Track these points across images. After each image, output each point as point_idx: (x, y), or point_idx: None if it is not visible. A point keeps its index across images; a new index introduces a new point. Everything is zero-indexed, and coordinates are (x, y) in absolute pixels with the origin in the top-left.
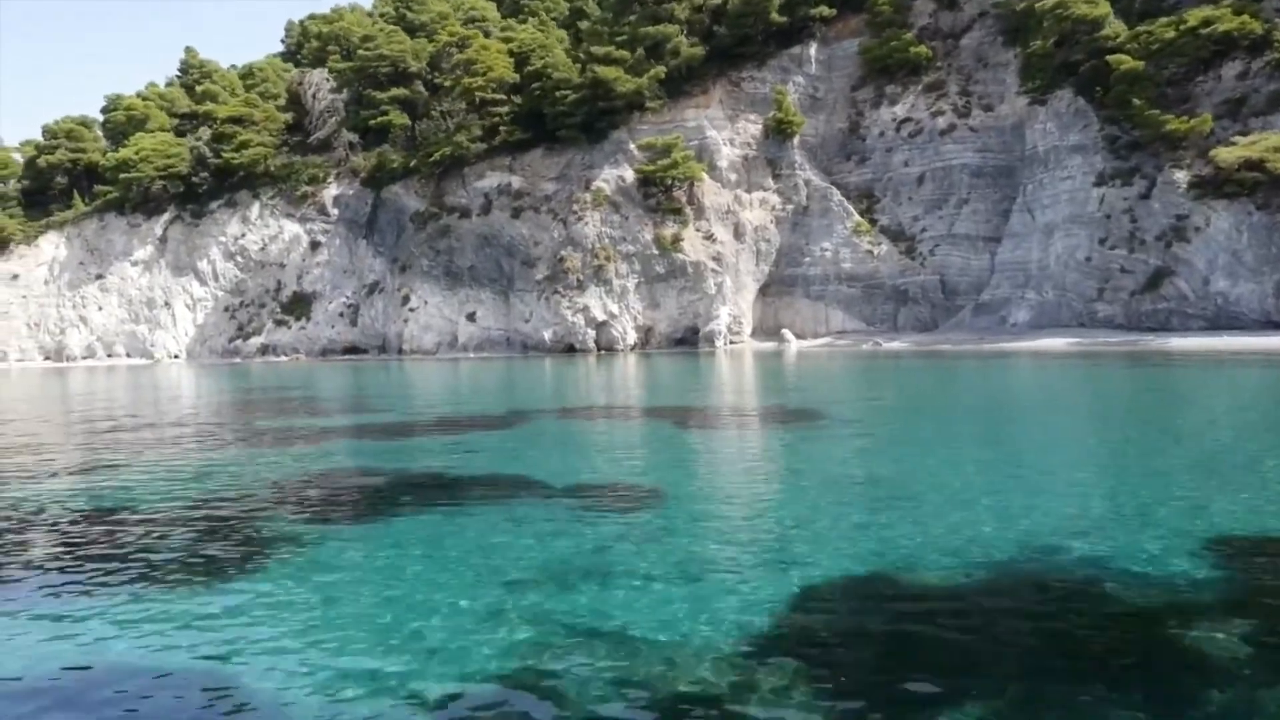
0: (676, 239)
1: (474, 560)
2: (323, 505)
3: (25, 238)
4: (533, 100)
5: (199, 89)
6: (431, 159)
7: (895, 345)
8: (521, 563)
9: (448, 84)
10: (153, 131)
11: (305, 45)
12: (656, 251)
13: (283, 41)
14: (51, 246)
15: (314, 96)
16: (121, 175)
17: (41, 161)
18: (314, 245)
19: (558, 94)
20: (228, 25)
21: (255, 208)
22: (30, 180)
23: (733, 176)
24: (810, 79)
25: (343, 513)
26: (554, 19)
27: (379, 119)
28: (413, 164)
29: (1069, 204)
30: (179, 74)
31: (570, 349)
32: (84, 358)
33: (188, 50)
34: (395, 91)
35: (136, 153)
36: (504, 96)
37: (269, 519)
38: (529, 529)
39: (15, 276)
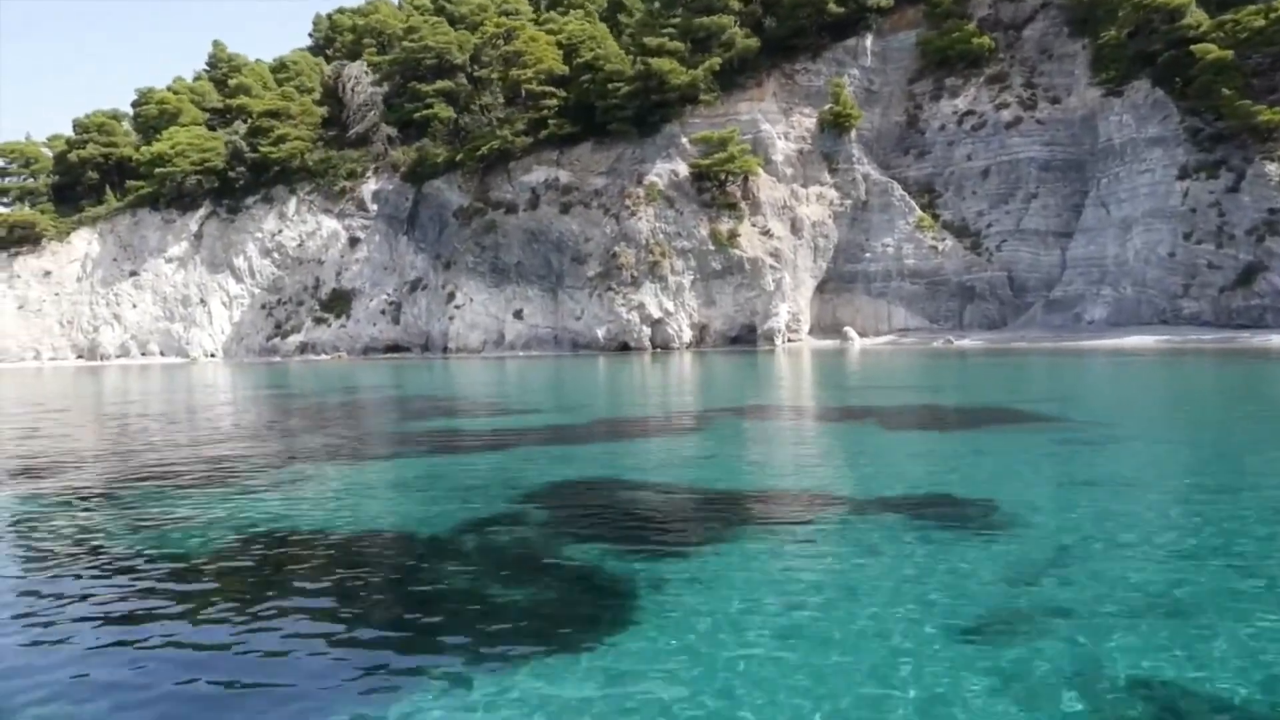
0: (733, 234)
1: (905, 595)
2: (635, 528)
3: (57, 234)
4: (582, 93)
5: (231, 83)
6: (478, 153)
7: (967, 343)
8: (959, 595)
9: (493, 76)
10: (186, 125)
11: (336, 39)
12: (712, 247)
13: (311, 35)
14: (84, 243)
15: (353, 90)
16: (157, 170)
17: (73, 156)
18: (353, 241)
19: (610, 86)
20: (252, 20)
21: (292, 203)
22: (60, 175)
23: (788, 171)
24: (865, 72)
25: (670, 536)
26: (596, 10)
27: (423, 112)
28: (459, 158)
29: (1149, 198)
30: (207, 68)
31: (624, 347)
32: (117, 356)
33: (215, 44)
34: (441, 84)
35: (172, 146)
36: (552, 89)
37: (580, 548)
38: (919, 552)
39: (47, 273)
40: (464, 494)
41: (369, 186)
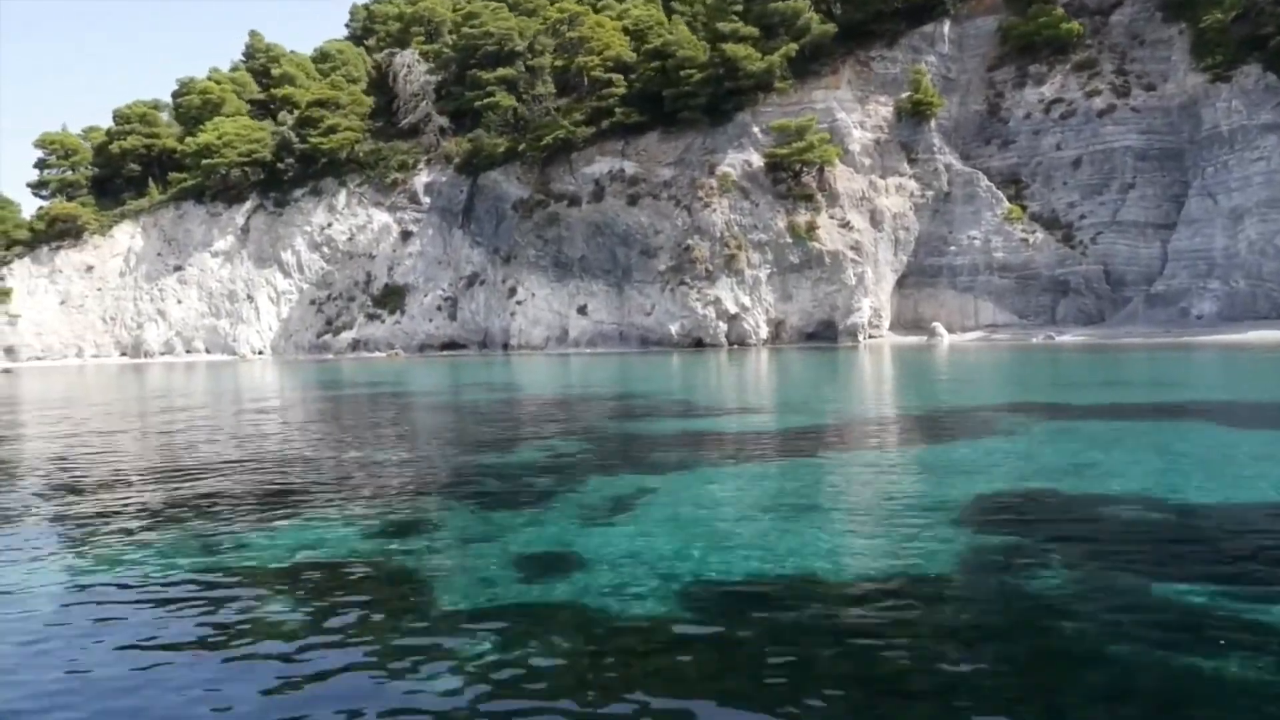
0: (811, 227)
1: None
2: (1193, 555)
3: (100, 227)
4: (648, 80)
5: (274, 72)
6: (542, 143)
7: (1069, 339)
8: None
9: (557, 64)
10: (231, 116)
11: (377, 28)
12: (790, 240)
13: (348, 26)
14: (126, 237)
15: (405, 78)
16: (204, 161)
17: (114, 147)
18: (405, 235)
19: (682, 74)
20: (283, 11)
21: (342, 196)
22: (101, 167)
23: (866, 161)
24: (943, 59)
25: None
26: None
27: (484, 100)
28: (521, 148)
29: (1264, 187)
30: (244, 59)
31: (698, 343)
32: (161, 354)
33: (253, 34)
34: (502, 71)
35: (219, 137)
36: (619, 76)
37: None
38: None
39: (89, 268)
40: (902, 514)
41: (421, 178)
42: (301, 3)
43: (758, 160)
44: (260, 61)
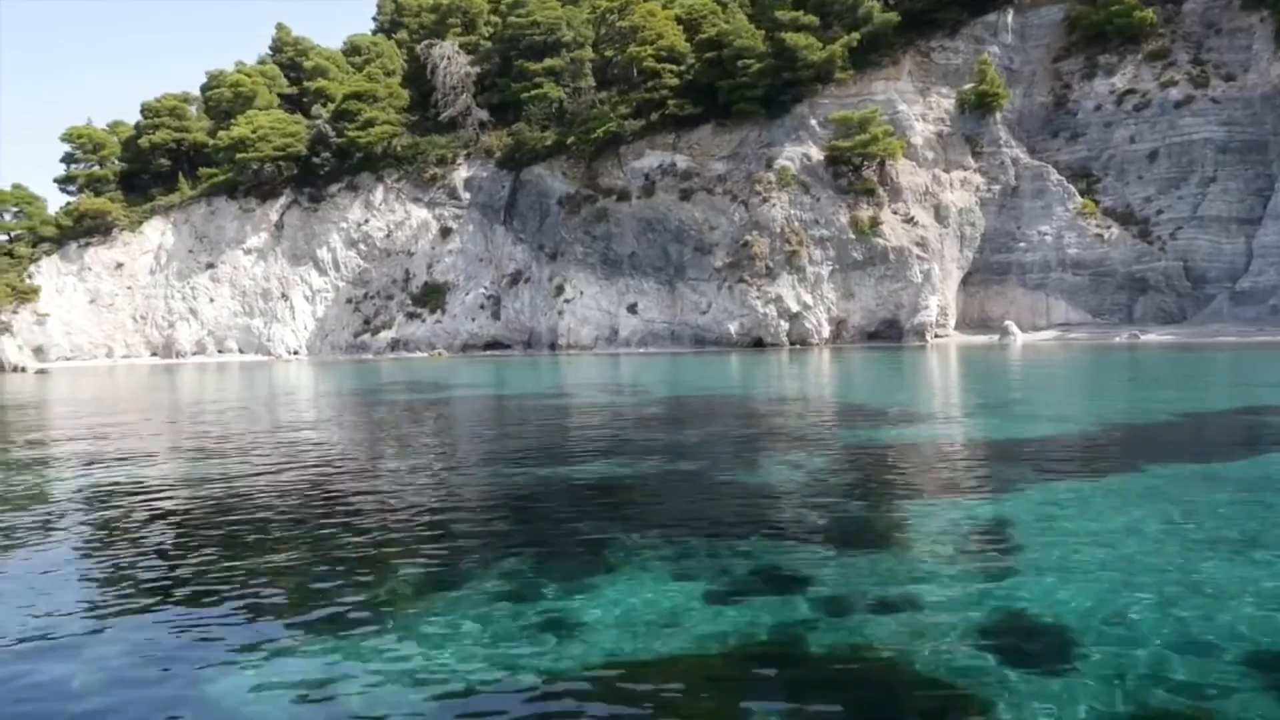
0: (875, 222)
1: None
2: None
3: (130, 224)
4: (701, 71)
5: (306, 65)
6: (593, 135)
7: (1154, 338)
8: None
9: (609, 54)
10: (265, 109)
11: (407, 20)
12: (853, 236)
13: (375, 19)
14: (157, 233)
15: (445, 70)
16: (238, 155)
17: (143, 141)
18: (444, 232)
19: (739, 64)
20: (306, 5)
21: (379, 191)
22: (129, 162)
23: (929, 155)
24: (1005, 49)
25: None
26: None
27: (532, 92)
28: (570, 141)
29: None
30: (271, 52)
31: (758, 343)
32: (193, 354)
33: (279, 27)
34: (550, 62)
35: (254, 130)
36: (672, 67)
37: None
38: None
39: (119, 265)
40: None
41: (460, 173)
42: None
43: (816, 154)
44: (288, 55)
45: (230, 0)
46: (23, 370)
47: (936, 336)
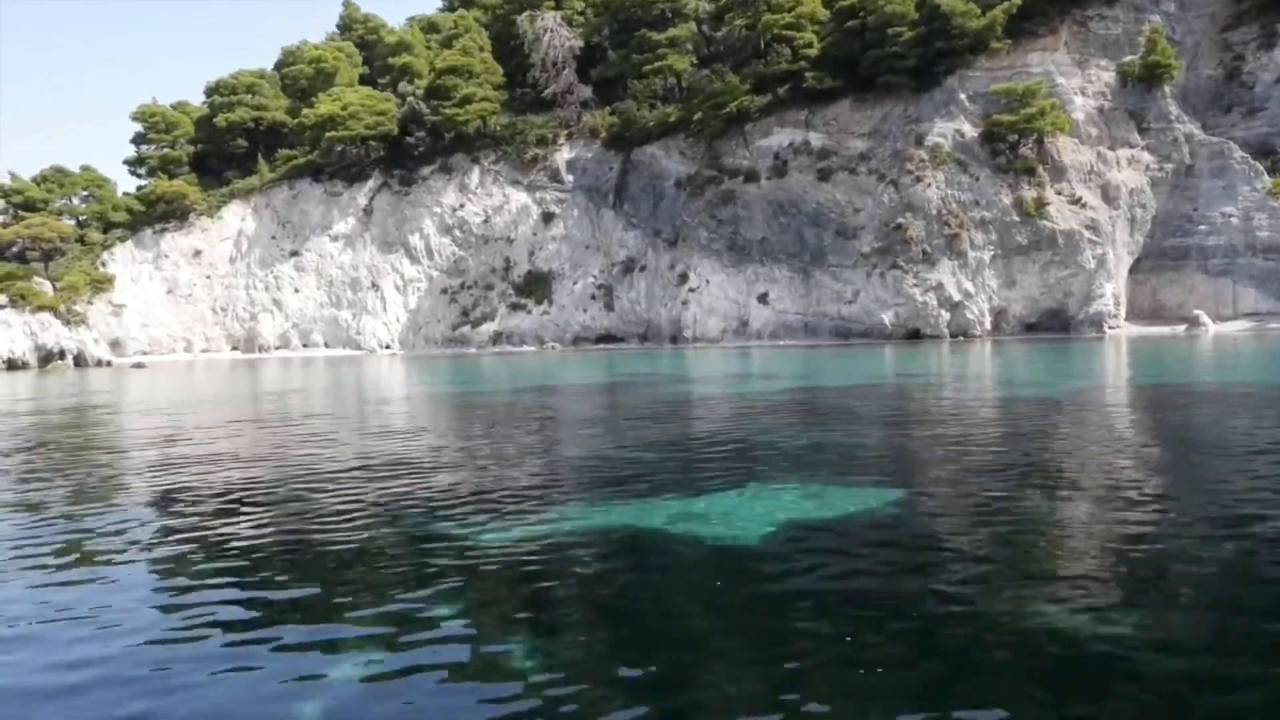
0: (1041, 203)
1: None
2: None
3: (208, 208)
4: (843, 41)
5: (383, 41)
6: (724, 111)
7: None
8: None
9: (739, 22)
10: (348, 86)
11: None
12: (1016, 218)
13: None
14: (236, 219)
15: (547, 44)
16: (328, 134)
17: (219, 120)
18: (547, 217)
19: (889, 32)
20: None
21: (475, 174)
22: (202, 142)
23: (1092, 131)
24: (1167, 19)
25: None
26: None
27: (655, 64)
28: (698, 116)
29: None
30: (338, 31)
31: (914, 335)
32: (276, 347)
33: (347, 4)
34: (674, 32)
35: (343, 108)
36: (808, 36)
37: None
38: None
39: (197, 253)
40: None
41: (563, 154)
42: None
43: (970, 130)
44: (358, 33)
45: None
46: (107, 365)
47: (1110, 328)
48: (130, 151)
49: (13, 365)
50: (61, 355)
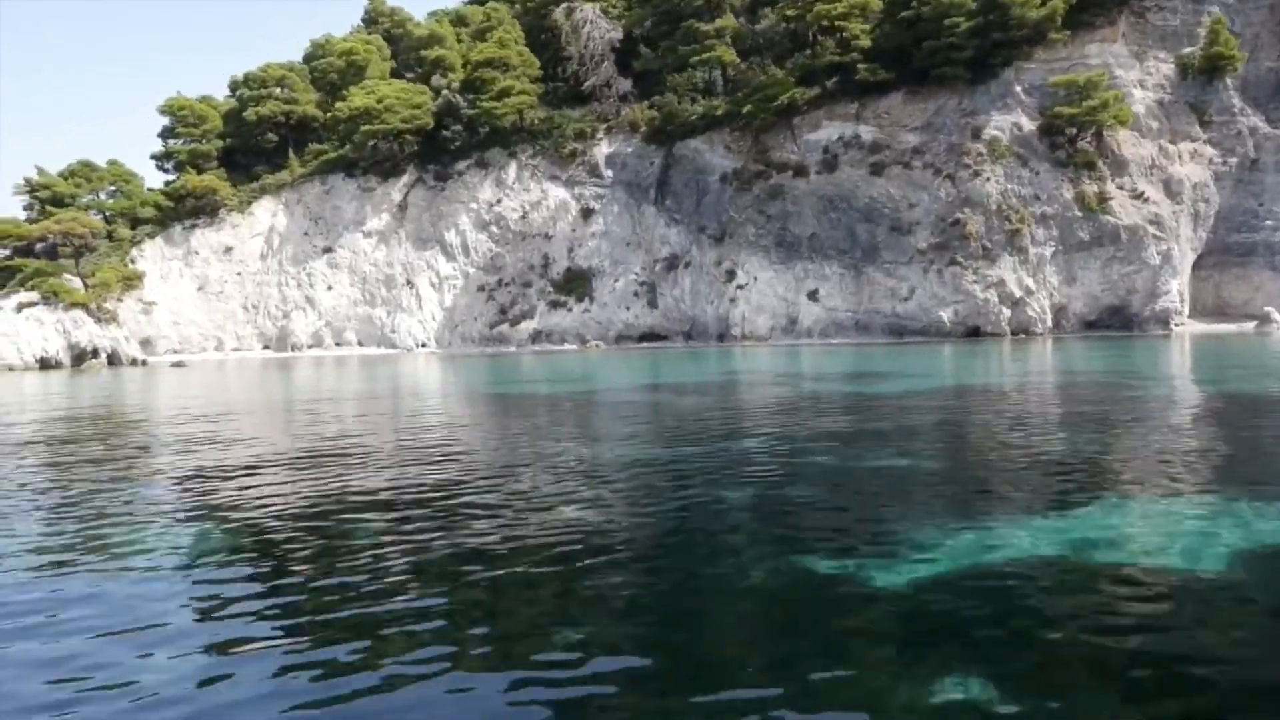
0: (1103, 198)
1: None
2: None
3: (238, 204)
4: (896, 33)
5: (412, 34)
6: (774, 104)
7: None
8: None
9: (789, 13)
10: (383, 78)
11: None
12: (1078, 214)
13: None
14: (267, 214)
15: (587, 35)
16: (363, 127)
17: (249, 114)
18: (586, 213)
19: (946, 22)
20: None
21: (512, 169)
22: (231, 136)
23: (1152, 124)
24: (1226, 10)
25: None
26: None
27: (703, 56)
28: (747, 109)
29: None
30: (363, 24)
31: (974, 333)
32: (309, 346)
33: None
34: (722, 22)
35: (378, 101)
36: (861, 28)
37: None
38: None
39: (228, 250)
40: None
41: (602, 149)
42: None
43: (1027, 123)
44: (384, 27)
45: None
46: (141, 363)
47: (1175, 325)
48: (155, 147)
49: (45, 364)
50: (95, 354)
